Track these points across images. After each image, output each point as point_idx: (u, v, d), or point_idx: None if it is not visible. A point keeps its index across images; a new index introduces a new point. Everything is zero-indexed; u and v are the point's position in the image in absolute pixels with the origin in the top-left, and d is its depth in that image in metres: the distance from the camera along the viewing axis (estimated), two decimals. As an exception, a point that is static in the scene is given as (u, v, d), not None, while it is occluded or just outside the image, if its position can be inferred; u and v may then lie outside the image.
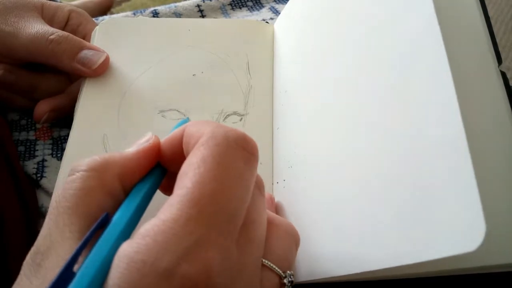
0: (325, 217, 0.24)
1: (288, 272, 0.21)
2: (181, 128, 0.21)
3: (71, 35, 0.33)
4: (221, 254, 0.16)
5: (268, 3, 0.49)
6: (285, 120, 0.32)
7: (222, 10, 0.48)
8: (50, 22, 0.35)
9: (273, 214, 0.23)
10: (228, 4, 0.48)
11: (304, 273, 0.23)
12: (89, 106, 0.32)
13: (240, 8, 0.48)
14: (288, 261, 0.21)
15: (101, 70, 0.33)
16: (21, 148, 0.35)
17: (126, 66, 0.35)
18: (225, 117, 0.33)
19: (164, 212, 0.16)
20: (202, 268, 0.15)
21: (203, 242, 0.16)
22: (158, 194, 0.21)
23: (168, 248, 0.15)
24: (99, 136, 0.31)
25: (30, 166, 0.34)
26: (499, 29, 0.96)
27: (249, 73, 0.36)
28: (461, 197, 0.15)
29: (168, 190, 0.22)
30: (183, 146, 0.20)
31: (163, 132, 0.22)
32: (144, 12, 0.46)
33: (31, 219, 0.31)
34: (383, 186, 0.20)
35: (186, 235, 0.15)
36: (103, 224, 0.18)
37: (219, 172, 0.17)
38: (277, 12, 0.47)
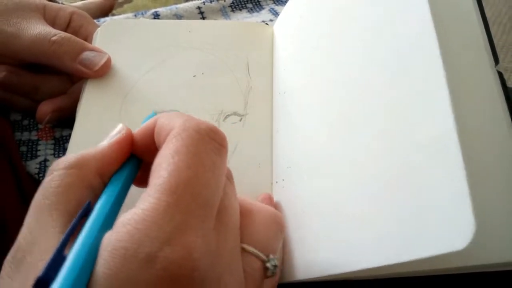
0: (322, 216, 0.24)
1: (271, 256, 0.21)
2: (153, 119, 0.21)
3: (73, 36, 0.34)
4: (201, 238, 0.16)
5: (267, 4, 0.49)
6: (285, 120, 0.32)
7: (222, 12, 0.48)
8: (52, 23, 0.36)
9: (252, 201, 0.23)
10: (228, 6, 0.48)
11: (301, 271, 0.24)
12: (91, 107, 0.33)
13: (240, 10, 0.49)
14: (271, 246, 0.22)
15: (102, 72, 0.34)
16: (23, 148, 0.35)
17: (128, 67, 0.35)
18: (225, 117, 0.33)
19: (143, 202, 0.17)
20: (184, 251, 0.16)
21: (183, 228, 0.16)
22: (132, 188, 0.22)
23: (150, 234, 0.16)
24: (101, 136, 0.31)
25: (32, 166, 0.34)
26: (496, 31, 0.97)
27: (249, 74, 0.36)
28: (451, 196, 0.16)
29: (141, 182, 0.23)
30: (155, 137, 0.21)
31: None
32: (145, 14, 0.46)
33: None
34: (378, 187, 0.20)
35: (166, 222, 0.16)
36: (87, 211, 0.18)
37: (193, 161, 0.18)
38: (276, 14, 0.48)
